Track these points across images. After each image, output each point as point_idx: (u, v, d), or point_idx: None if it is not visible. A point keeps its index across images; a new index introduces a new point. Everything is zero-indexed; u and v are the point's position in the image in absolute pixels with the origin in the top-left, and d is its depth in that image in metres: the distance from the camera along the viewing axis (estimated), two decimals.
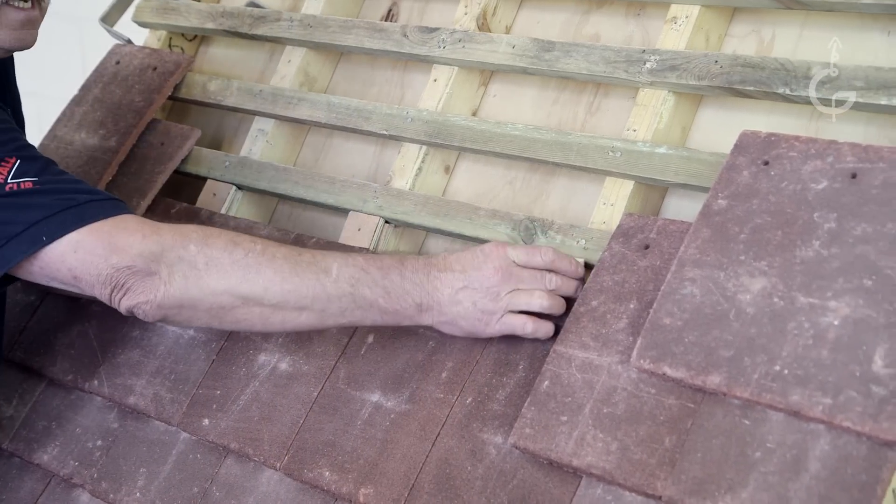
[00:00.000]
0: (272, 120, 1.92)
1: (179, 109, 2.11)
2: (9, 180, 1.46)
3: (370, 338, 1.57)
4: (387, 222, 1.71)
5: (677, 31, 1.57)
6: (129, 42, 2.12)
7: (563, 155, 1.58)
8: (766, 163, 1.34)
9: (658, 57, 1.54)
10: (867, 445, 1.13)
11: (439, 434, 1.43)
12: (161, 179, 1.89)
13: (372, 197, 1.73)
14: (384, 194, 1.72)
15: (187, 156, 1.93)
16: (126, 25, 2.16)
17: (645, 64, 1.55)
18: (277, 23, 1.96)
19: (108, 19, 2.13)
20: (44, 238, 1.45)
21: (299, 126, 1.94)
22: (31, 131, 1.80)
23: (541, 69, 1.65)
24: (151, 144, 1.94)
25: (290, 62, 1.95)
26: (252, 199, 1.91)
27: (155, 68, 2.02)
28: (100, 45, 2.15)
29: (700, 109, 1.58)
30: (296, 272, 1.45)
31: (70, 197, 1.47)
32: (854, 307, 1.19)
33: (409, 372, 1.51)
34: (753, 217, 1.31)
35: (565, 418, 1.31)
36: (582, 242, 1.51)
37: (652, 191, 1.55)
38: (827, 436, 1.15)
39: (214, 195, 1.91)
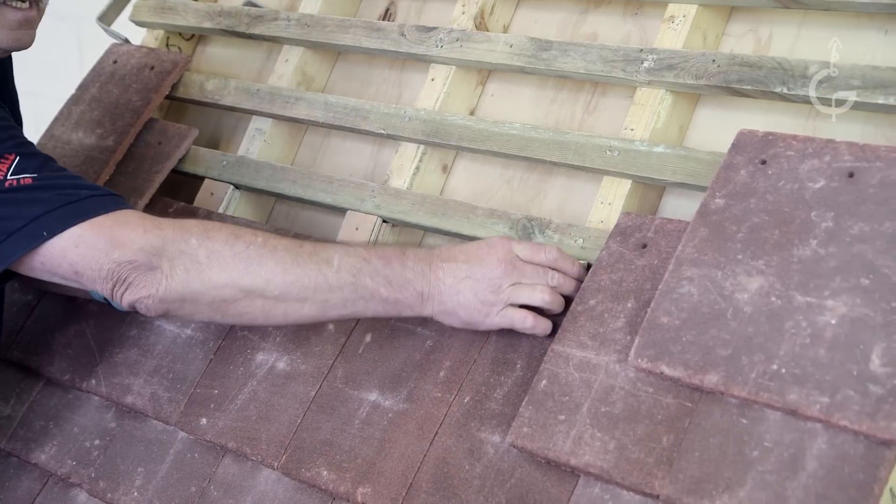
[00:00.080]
0: (270, 119, 1.92)
1: (177, 109, 2.11)
2: (8, 176, 1.45)
3: (368, 337, 1.57)
4: (384, 221, 1.71)
5: (675, 31, 1.57)
6: (127, 41, 2.12)
7: (561, 154, 1.58)
8: (764, 162, 1.34)
9: (655, 56, 1.54)
10: (864, 444, 1.13)
11: (437, 433, 1.43)
12: (159, 179, 1.89)
13: (369, 196, 1.73)
14: (382, 193, 1.72)
15: (185, 155, 1.93)
16: (123, 25, 2.16)
17: (642, 63, 1.55)
18: (275, 22, 1.96)
19: (106, 18, 2.13)
20: (44, 233, 1.44)
21: (297, 125, 1.94)
22: (29, 131, 1.79)
23: (538, 68, 1.65)
24: (149, 144, 1.94)
25: (288, 61, 1.95)
26: (249, 199, 1.91)
27: (152, 67, 2.02)
28: (97, 45, 2.15)
29: (697, 108, 1.58)
30: (297, 263, 1.44)
31: (70, 192, 1.47)
32: (851, 306, 1.19)
33: (407, 371, 1.51)
34: (751, 216, 1.31)
35: (563, 417, 1.31)
36: (580, 241, 1.51)
37: (649, 190, 1.55)
38: (824, 435, 1.15)
39: (212, 194, 1.91)
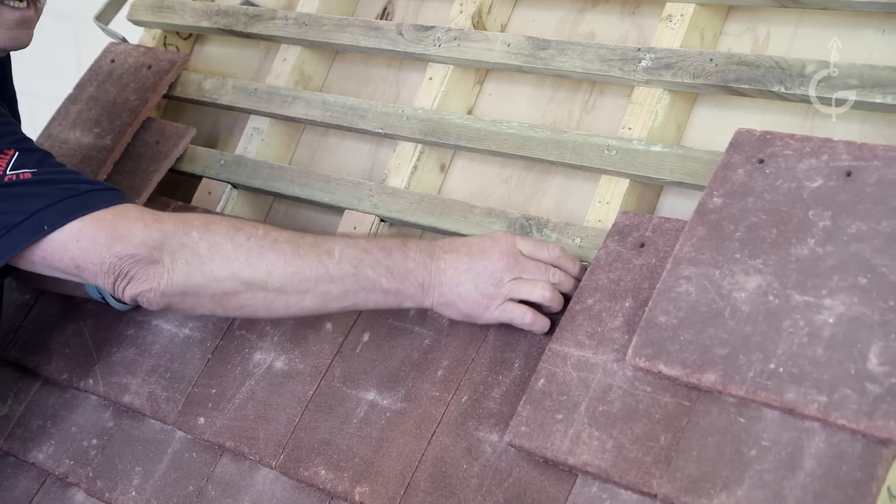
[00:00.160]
0: (267, 118, 1.92)
1: (174, 108, 2.11)
2: (8, 171, 1.45)
3: (366, 336, 1.57)
4: (382, 221, 1.71)
5: (672, 30, 1.57)
6: (124, 40, 2.12)
7: (559, 153, 1.58)
8: (762, 161, 1.34)
9: (653, 55, 1.54)
10: (862, 443, 1.13)
11: (435, 432, 1.43)
12: (156, 178, 1.88)
13: (367, 195, 1.73)
14: (379, 193, 1.72)
15: (182, 154, 1.93)
16: (121, 24, 2.15)
17: (640, 62, 1.55)
18: (272, 21, 1.96)
19: (103, 17, 2.13)
20: (45, 227, 1.44)
21: (294, 125, 1.94)
22: (27, 130, 1.79)
23: (536, 67, 1.65)
24: (147, 143, 1.94)
25: (286, 61, 1.95)
26: (247, 198, 1.91)
27: (150, 67, 2.01)
28: (95, 44, 2.15)
29: (695, 108, 1.58)
30: (298, 255, 1.44)
31: (70, 187, 1.47)
32: (849, 305, 1.19)
33: (405, 370, 1.51)
34: (748, 215, 1.31)
35: (561, 416, 1.31)
36: (577, 241, 1.51)
37: (647, 189, 1.55)
38: (822, 433, 1.15)
39: (210, 194, 1.91)
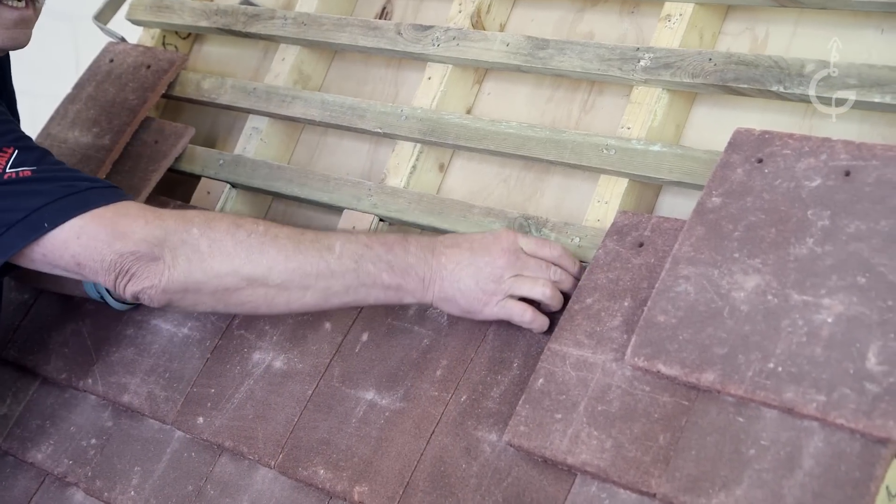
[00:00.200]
0: (266, 118, 1.92)
1: (173, 107, 2.11)
2: (7, 169, 1.45)
3: (365, 336, 1.57)
4: (381, 220, 1.71)
5: (671, 29, 1.57)
6: (123, 40, 2.12)
7: (558, 153, 1.58)
8: (760, 160, 1.34)
9: (652, 55, 1.54)
10: (861, 442, 1.13)
11: (434, 432, 1.43)
12: (155, 178, 1.88)
13: (366, 195, 1.72)
14: (378, 192, 1.72)
15: (181, 154, 1.93)
16: (120, 23, 2.15)
17: (639, 62, 1.55)
18: (271, 21, 1.96)
19: (102, 17, 2.13)
20: (45, 224, 1.44)
21: (293, 124, 1.94)
22: (26, 129, 1.78)
23: (535, 67, 1.65)
24: (145, 143, 1.93)
25: (284, 60, 1.95)
26: (246, 198, 1.91)
27: (149, 66, 2.01)
28: (93, 43, 2.15)
29: (694, 107, 1.58)
30: (299, 250, 1.44)
31: (70, 184, 1.47)
32: (848, 304, 1.19)
33: (404, 370, 1.51)
34: (747, 215, 1.31)
35: (560, 416, 1.31)
36: (576, 240, 1.51)
37: (646, 188, 1.55)
38: (821, 433, 1.15)
39: (208, 193, 1.91)
